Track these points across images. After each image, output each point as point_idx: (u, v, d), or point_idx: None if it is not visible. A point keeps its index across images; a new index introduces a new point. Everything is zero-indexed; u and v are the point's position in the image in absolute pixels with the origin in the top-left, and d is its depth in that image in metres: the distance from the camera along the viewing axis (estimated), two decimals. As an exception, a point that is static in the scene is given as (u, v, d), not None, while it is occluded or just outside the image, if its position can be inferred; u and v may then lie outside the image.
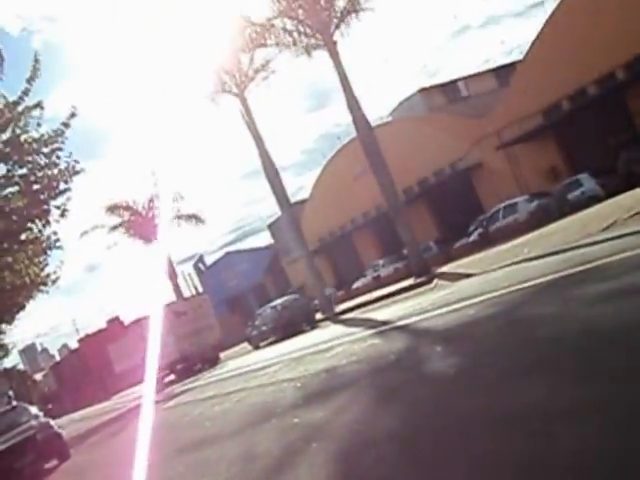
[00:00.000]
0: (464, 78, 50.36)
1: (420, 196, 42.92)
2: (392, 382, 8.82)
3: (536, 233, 23.53)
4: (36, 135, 20.07)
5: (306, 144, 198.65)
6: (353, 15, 29.57)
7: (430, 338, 11.11)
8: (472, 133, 39.11)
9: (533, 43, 36.36)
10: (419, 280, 27.07)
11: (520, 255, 18.16)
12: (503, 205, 33.81)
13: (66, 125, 20.60)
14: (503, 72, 47.85)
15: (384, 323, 16.08)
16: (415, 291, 24.84)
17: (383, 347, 12.17)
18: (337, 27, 29.51)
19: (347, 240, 50.42)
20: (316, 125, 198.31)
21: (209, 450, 9.71)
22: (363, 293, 38.43)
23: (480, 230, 34.76)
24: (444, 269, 27.33)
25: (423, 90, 48.45)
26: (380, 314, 20.25)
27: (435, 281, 24.26)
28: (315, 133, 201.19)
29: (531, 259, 16.51)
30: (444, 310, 13.24)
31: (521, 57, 39.99)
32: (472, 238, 35.38)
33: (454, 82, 50.01)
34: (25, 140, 19.74)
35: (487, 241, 31.74)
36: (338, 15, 29.52)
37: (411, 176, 42.04)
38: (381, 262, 43.89)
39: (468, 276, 20.16)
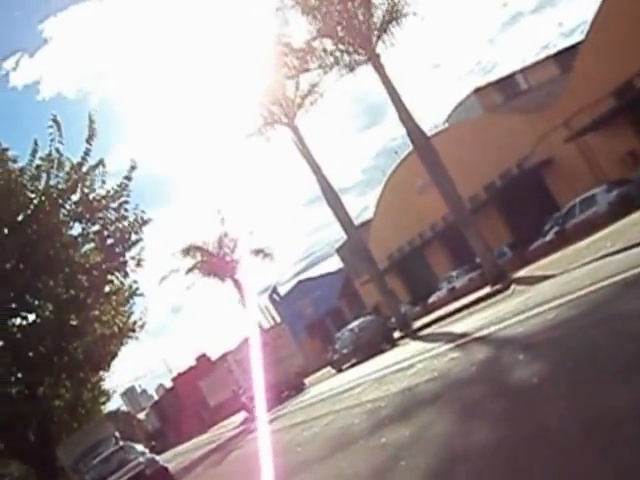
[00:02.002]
0: (522, 70, 47.56)
1: (488, 201, 41.40)
2: (475, 395, 8.92)
3: (618, 225, 22.42)
4: (102, 192, 20.94)
5: (365, 162, 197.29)
6: (394, 23, 28.77)
7: (511, 347, 11.00)
8: (536, 128, 36.84)
9: (594, 19, 32.98)
10: (495, 288, 26.53)
11: (602, 250, 17.34)
12: (579, 199, 31.30)
13: (128, 178, 21.44)
14: (565, 57, 43.97)
15: (463, 335, 16.03)
16: (492, 299, 24.44)
17: (464, 360, 12.19)
18: (379, 39, 28.80)
19: (417, 255, 49.58)
20: (373, 142, 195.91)
21: (303, 475, 10.04)
22: (439, 307, 37.78)
23: (556, 228, 32.99)
24: (521, 273, 26.77)
25: (478, 90, 46.33)
26: (458, 327, 20.20)
27: (512, 287, 23.71)
28: (373, 150, 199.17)
29: (614, 253, 15.77)
30: (523, 316, 13.08)
31: (583, 37, 36.09)
32: (548, 238, 33.70)
33: (511, 76, 47.47)
34: (94, 198, 20.60)
35: (565, 239, 30.02)
36: (378, 26, 28.78)
37: (476, 182, 40.68)
38: (455, 273, 43.05)
39: (547, 278, 19.54)
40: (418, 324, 32.88)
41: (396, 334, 32.76)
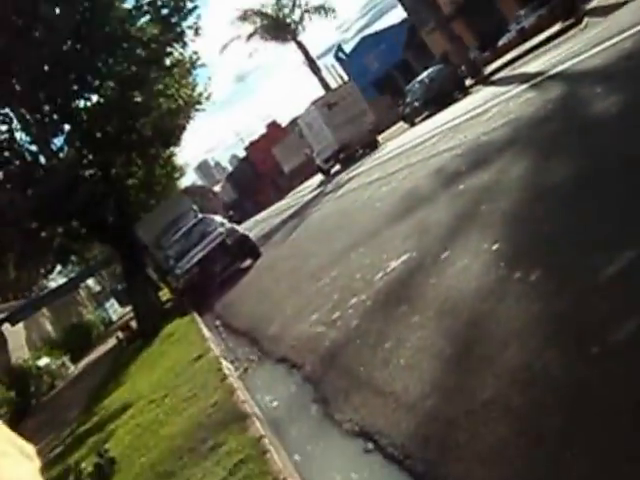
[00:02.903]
0: None
1: None
2: (553, 134, 8.49)
3: None
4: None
5: None
6: None
7: (587, 81, 10.53)
8: None
9: None
10: (567, 23, 25.16)
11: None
12: None
13: None
14: None
15: (537, 75, 15.25)
16: (565, 35, 23.06)
17: (539, 100, 11.64)
18: None
19: None
20: None
21: (384, 230, 9.93)
22: (509, 50, 35.93)
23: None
24: (593, 3, 25.11)
25: None
26: (531, 67, 19.08)
27: (585, 20, 22.32)
28: None
29: None
30: (599, 49, 12.29)
31: None
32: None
33: None
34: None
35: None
36: None
37: None
38: (522, 12, 40.50)
39: (623, 4, 18.05)
40: (489, 69, 31.64)
41: (467, 82, 31.63)
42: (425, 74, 34.83)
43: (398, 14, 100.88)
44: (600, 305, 3.77)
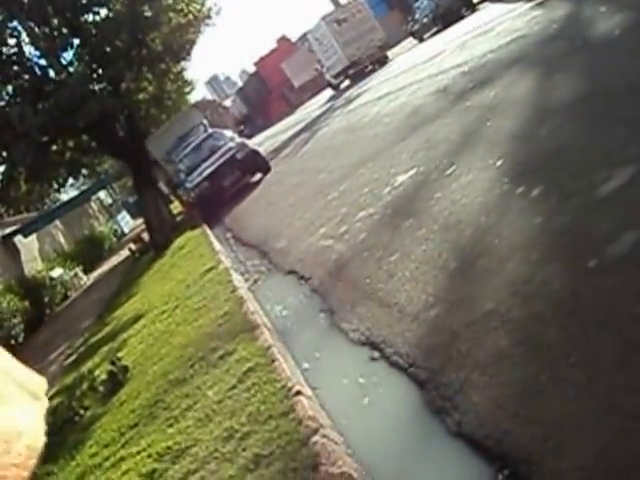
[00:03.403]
0: None
1: None
2: (558, 53, 8.38)
3: None
4: None
5: None
6: None
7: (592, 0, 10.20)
8: None
9: None
10: None
11: None
12: None
13: None
14: None
15: None
16: None
17: (545, 18, 11.42)
18: None
19: None
20: None
21: (392, 145, 9.96)
22: None
23: None
24: None
25: None
26: None
27: None
28: None
29: None
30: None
31: None
32: None
33: None
34: None
35: None
36: None
37: None
38: None
39: None
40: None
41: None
42: (434, -9, 33.98)
43: None
44: (599, 220, 3.88)
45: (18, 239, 27.42)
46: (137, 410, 6.07)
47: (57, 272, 25.89)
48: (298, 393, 4.28)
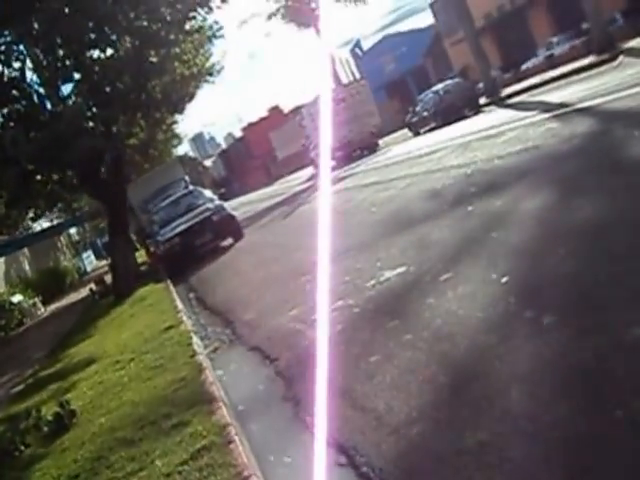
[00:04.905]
0: None
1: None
2: (578, 172, 8.16)
3: None
4: None
5: None
6: None
7: (622, 121, 10.10)
8: None
9: None
10: (601, 58, 24.31)
11: None
12: None
13: None
14: None
15: (562, 106, 14.91)
16: (596, 70, 22.41)
17: (564, 131, 11.30)
18: None
19: (519, 15, 45.27)
20: None
21: (379, 237, 9.71)
22: (533, 75, 35.28)
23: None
24: (631, 44, 24.56)
25: None
26: (555, 96, 18.69)
27: (620, 58, 21.64)
28: None
29: None
30: (635, 90, 11.97)
31: None
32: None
33: None
34: None
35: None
36: None
37: None
38: (555, 39, 38.94)
39: None
40: (508, 91, 31.14)
41: (482, 101, 31.34)
42: (441, 85, 34.58)
43: (425, 18, 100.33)
44: (628, 365, 3.51)
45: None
46: (79, 461, 5.66)
47: (17, 298, 26.34)
48: (254, 486, 3.88)
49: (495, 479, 3.10)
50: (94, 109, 18.70)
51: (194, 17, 19.59)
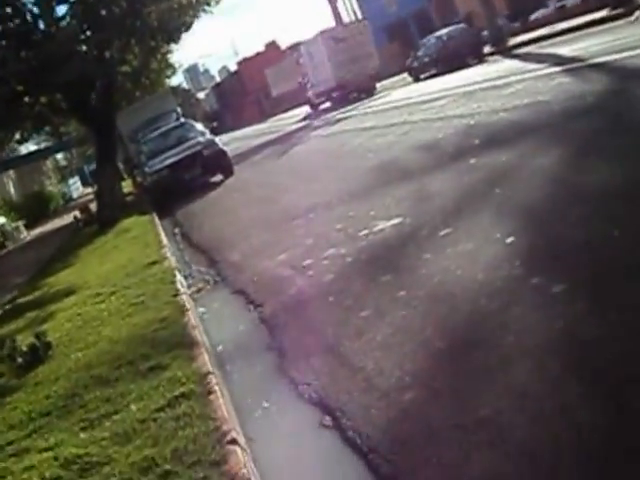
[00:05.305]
0: None
1: None
2: (592, 129, 7.74)
3: None
4: None
5: None
6: None
7: (638, 80, 9.73)
8: None
9: None
10: (616, 11, 23.03)
11: None
12: None
13: None
14: None
15: (574, 60, 14.29)
16: (610, 24, 21.39)
17: (576, 87, 10.81)
18: None
19: None
20: None
21: (374, 185, 9.39)
22: (542, 26, 34.19)
23: None
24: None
25: None
26: (567, 50, 17.78)
27: (637, 13, 20.77)
28: None
29: None
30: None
31: None
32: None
33: None
34: None
35: None
36: None
37: None
38: None
39: None
40: (514, 41, 30.20)
41: (486, 49, 30.51)
42: (445, 31, 33.55)
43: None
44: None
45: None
46: (52, 398, 5.45)
47: (0, 220, 26.21)
48: (233, 442, 3.68)
49: (495, 461, 2.84)
50: (88, 32, 18.38)
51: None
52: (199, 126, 22.20)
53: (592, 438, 2.73)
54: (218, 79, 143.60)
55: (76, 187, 50.51)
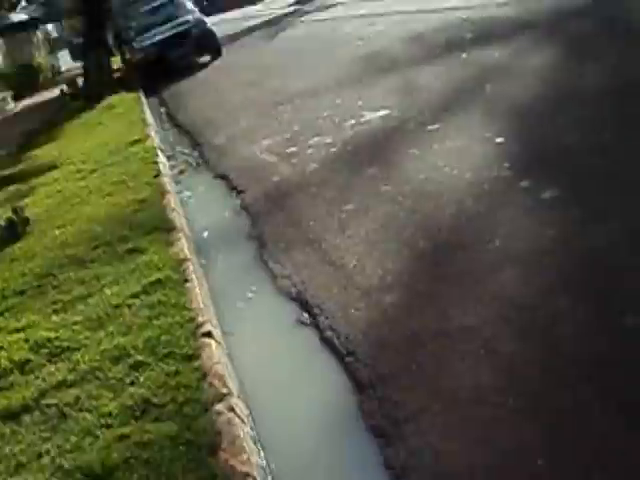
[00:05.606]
0: None
1: None
2: (591, 31, 7.42)
3: None
4: None
5: None
6: None
7: None
8: None
9: None
10: None
11: None
12: None
13: None
14: None
15: None
16: None
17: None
18: None
19: None
20: None
21: (362, 74, 9.12)
22: None
23: None
24: None
25: None
26: None
27: None
28: None
29: None
30: None
31: None
32: None
33: None
34: None
35: None
36: None
37: None
38: None
39: None
40: None
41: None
42: None
43: None
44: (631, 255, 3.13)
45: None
46: (27, 276, 5.35)
47: None
48: (208, 335, 3.60)
49: (479, 372, 2.76)
50: None
51: None
52: (189, 4, 21.45)
53: (578, 354, 2.68)
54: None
55: (65, 60, 49.48)
